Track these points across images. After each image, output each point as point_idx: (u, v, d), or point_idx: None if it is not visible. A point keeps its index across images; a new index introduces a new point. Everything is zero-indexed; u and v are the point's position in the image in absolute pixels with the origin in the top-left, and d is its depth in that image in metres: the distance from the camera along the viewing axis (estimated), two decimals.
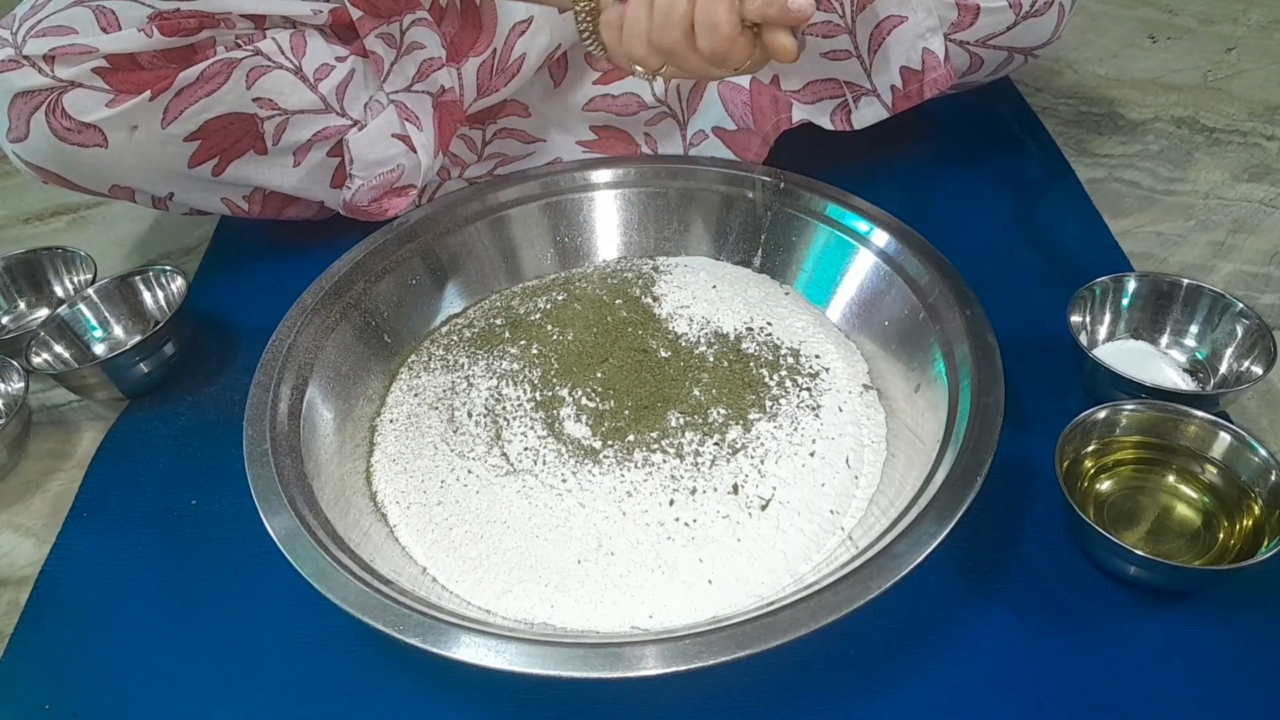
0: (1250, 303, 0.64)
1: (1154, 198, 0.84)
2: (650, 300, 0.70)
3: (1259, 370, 0.60)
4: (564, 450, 0.60)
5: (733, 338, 0.66)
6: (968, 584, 0.55)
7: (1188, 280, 0.65)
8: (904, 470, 0.57)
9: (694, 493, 0.57)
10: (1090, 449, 0.58)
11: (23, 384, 0.69)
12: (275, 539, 0.51)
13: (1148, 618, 0.53)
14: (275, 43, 0.71)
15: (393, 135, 0.73)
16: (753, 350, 0.65)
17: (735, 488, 0.57)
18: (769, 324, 0.68)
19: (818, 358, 0.65)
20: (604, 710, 0.51)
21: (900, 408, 0.62)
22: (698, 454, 0.59)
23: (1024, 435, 0.62)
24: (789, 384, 0.63)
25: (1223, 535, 0.55)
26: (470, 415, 0.63)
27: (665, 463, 0.59)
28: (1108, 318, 0.67)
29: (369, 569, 0.52)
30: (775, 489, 0.57)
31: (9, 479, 0.68)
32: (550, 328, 0.68)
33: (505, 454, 0.61)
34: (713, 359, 0.64)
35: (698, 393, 0.62)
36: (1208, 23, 1.07)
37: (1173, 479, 0.58)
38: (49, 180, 0.70)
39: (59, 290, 0.81)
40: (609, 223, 0.77)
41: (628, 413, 0.61)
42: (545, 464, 0.59)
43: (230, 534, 0.61)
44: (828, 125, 0.79)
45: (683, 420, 0.61)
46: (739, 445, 0.59)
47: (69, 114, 0.66)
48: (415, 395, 0.66)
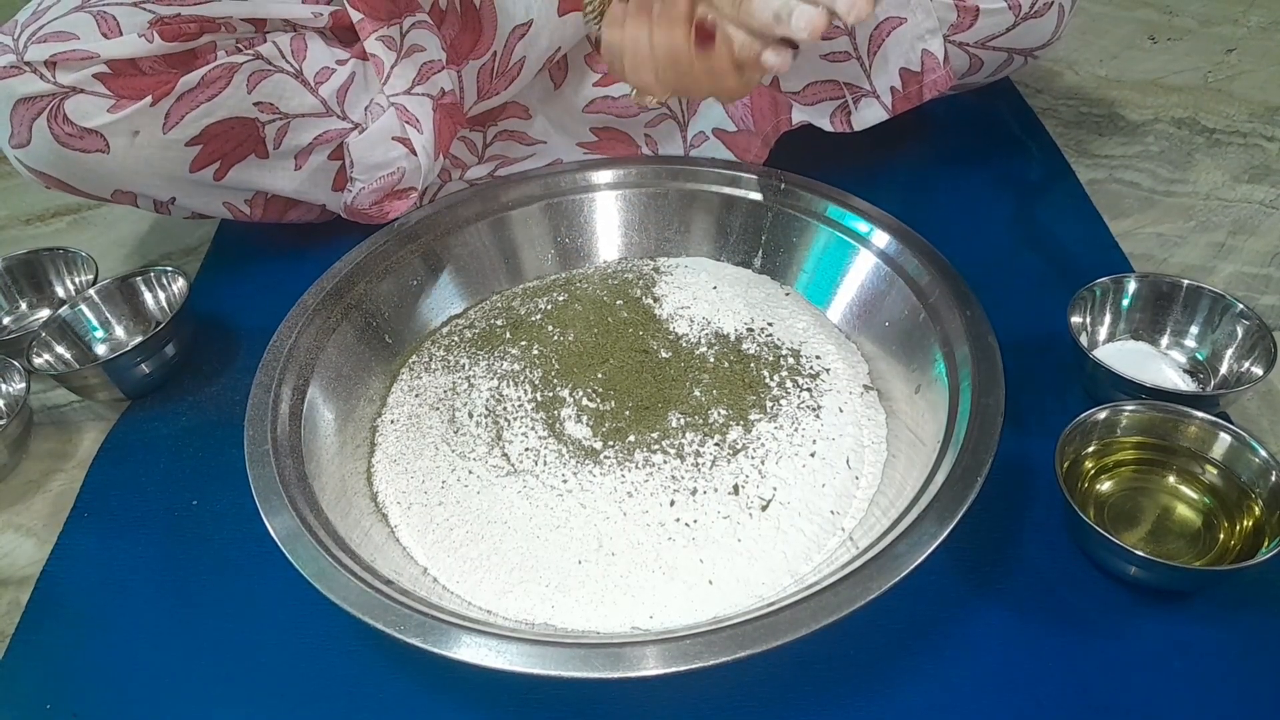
0: (1250, 304, 0.64)
1: (1154, 199, 0.84)
2: (651, 301, 0.70)
3: (1259, 371, 0.60)
4: (565, 451, 0.60)
5: (733, 338, 0.66)
6: (968, 584, 0.55)
7: (1188, 281, 0.65)
8: (904, 471, 0.57)
9: (694, 493, 0.57)
10: (1090, 449, 0.58)
11: (24, 384, 0.69)
12: (276, 539, 0.51)
13: (1148, 618, 0.53)
14: (276, 46, 0.71)
15: (393, 138, 0.73)
16: (753, 351, 0.65)
17: (736, 488, 0.57)
18: (769, 325, 0.68)
19: (818, 358, 0.65)
20: (604, 710, 0.51)
21: (900, 408, 0.62)
22: (698, 454, 0.59)
23: (1024, 436, 0.62)
24: (789, 385, 0.63)
25: (1223, 536, 0.55)
26: (471, 416, 0.63)
27: (666, 463, 0.59)
28: (1108, 318, 0.67)
29: (370, 569, 0.52)
30: (776, 489, 0.57)
31: (10, 479, 0.68)
32: (551, 328, 0.68)
33: (506, 454, 0.61)
34: (713, 360, 0.65)
35: (698, 393, 0.62)
36: (1208, 24, 1.08)
37: (1173, 479, 0.58)
38: (51, 185, 0.70)
39: (60, 291, 0.81)
40: (610, 223, 0.77)
41: (628, 413, 0.61)
42: (546, 464, 0.59)
43: (230, 534, 0.61)
44: (827, 127, 0.79)
45: (683, 421, 0.61)
46: (739, 446, 0.59)
47: (71, 120, 0.66)
48: (416, 396, 0.66)
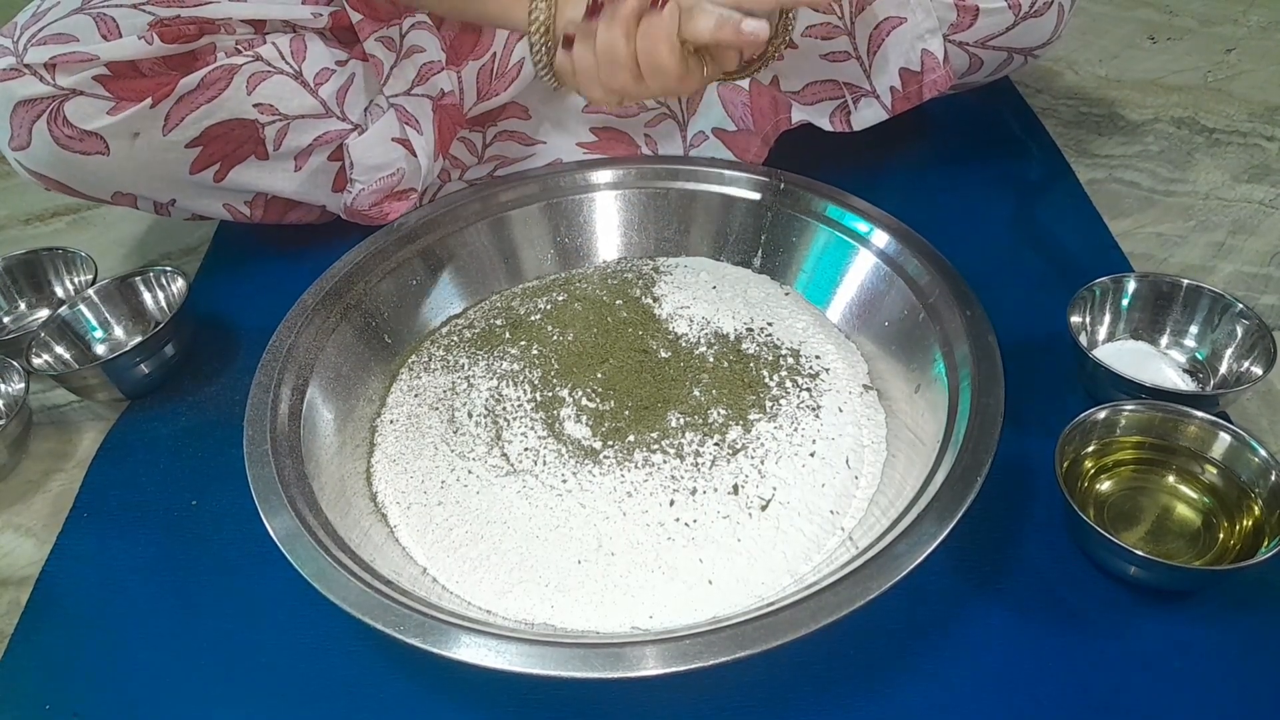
0: (1250, 303, 0.64)
1: (1154, 198, 0.84)
2: (650, 301, 0.70)
3: (1259, 371, 0.60)
4: (564, 451, 0.60)
5: (733, 338, 0.66)
6: (968, 584, 0.55)
7: (1188, 281, 0.65)
8: (904, 471, 0.57)
9: (694, 493, 0.57)
10: (1090, 449, 0.58)
11: (23, 384, 0.69)
12: (275, 539, 0.51)
13: (1148, 618, 0.53)
14: (275, 48, 0.71)
15: (392, 139, 0.74)
16: (753, 351, 0.65)
17: (735, 488, 0.57)
18: (769, 324, 0.68)
19: (818, 358, 0.65)
20: (604, 710, 0.51)
21: (900, 408, 0.62)
22: (698, 454, 0.59)
23: (1024, 435, 0.61)
24: (789, 384, 0.63)
25: (1223, 535, 0.55)
26: (470, 416, 0.63)
27: (665, 463, 0.59)
28: (1108, 318, 0.67)
29: (369, 569, 0.52)
30: (775, 489, 0.57)
31: (10, 479, 0.68)
32: (550, 328, 0.68)
33: (505, 454, 0.61)
34: (713, 359, 0.64)
35: (698, 393, 0.62)
36: (1208, 24, 1.07)
37: (1173, 479, 0.58)
38: (52, 187, 0.71)
39: (59, 291, 0.81)
40: (609, 223, 0.77)
41: (628, 413, 0.61)
42: (545, 464, 0.59)
43: (230, 534, 0.61)
44: (827, 126, 0.79)
45: (683, 421, 0.61)
46: (739, 446, 0.59)
47: (70, 122, 0.66)
48: (415, 396, 0.66)
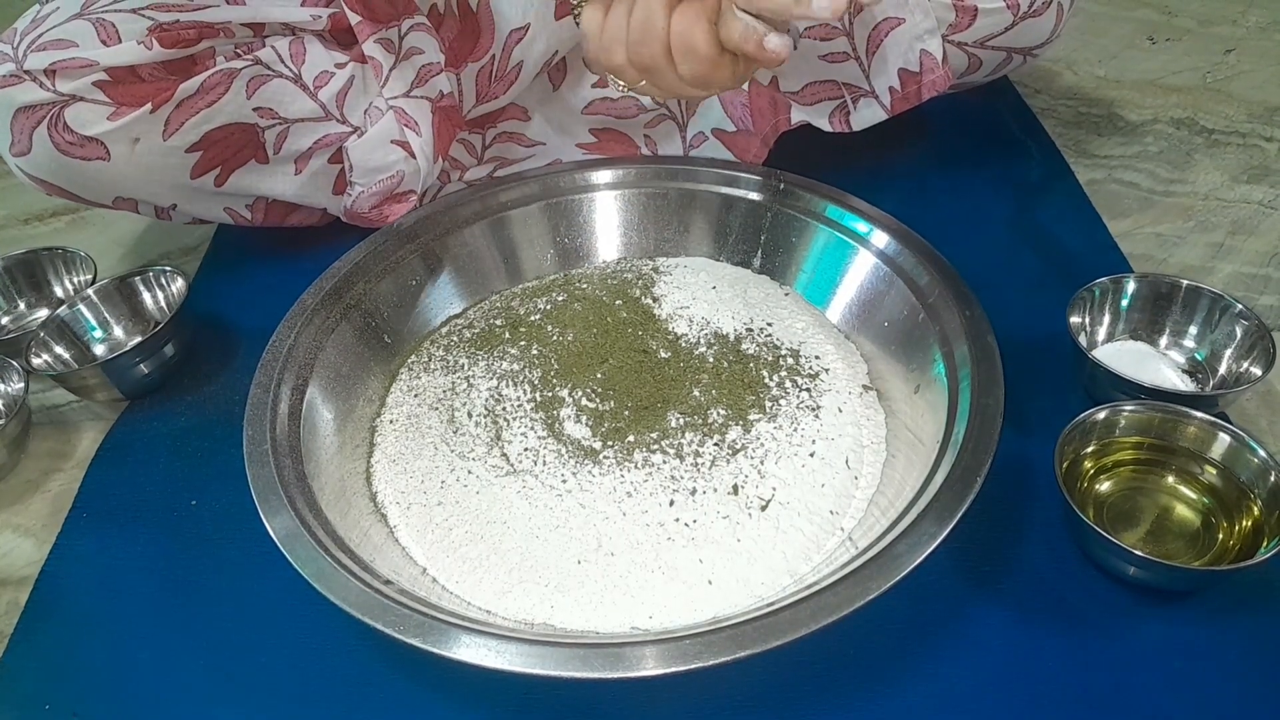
0: (1249, 304, 0.64)
1: (1153, 199, 0.84)
2: (650, 301, 0.70)
3: (1258, 371, 0.61)
4: (564, 451, 0.60)
5: (732, 338, 0.66)
6: (968, 584, 0.55)
7: (1187, 281, 0.65)
8: (904, 471, 0.57)
9: (694, 493, 0.57)
10: (1090, 449, 0.58)
11: (23, 384, 0.68)
12: (275, 539, 0.51)
13: (1148, 618, 0.53)
14: (274, 51, 0.71)
15: (392, 141, 0.74)
16: (752, 351, 0.65)
17: (735, 488, 0.57)
18: (769, 325, 0.68)
19: (817, 358, 0.65)
20: (604, 710, 0.51)
21: (900, 408, 0.62)
22: (698, 454, 0.59)
23: (1024, 436, 0.61)
24: (789, 385, 0.63)
25: (1222, 536, 0.55)
26: (470, 416, 0.63)
27: (665, 463, 0.59)
28: (1107, 319, 0.67)
29: (369, 569, 0.52)
30: (775, 490, 0.57)
31: (9, 479, 0.68)
32: (550, 328, 0.68)
33: (505, 454, 0.61)
34: (712, 360, 0.65)
35: (697, 393, 0.62)
36: (1207, 24, 1.08)
37: (1172, 480, 0.58)
38: (52, 193, 0.71)
39: (59, 290, 0.81)
40: (609, 224, 0.77)
41: (628, 413, 0.61)
42: (545, 464, 0.59)
43: (230, 534, 0.61)
44: (826, 127, 0.79)
45: (683, 421, 0.61)
46: (739, 446, 0.59)
47: (71, 128, 0.66)
48: (415, 396, 0.66)
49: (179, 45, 0.67)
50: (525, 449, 0.61)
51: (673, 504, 0.57)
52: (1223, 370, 0.63)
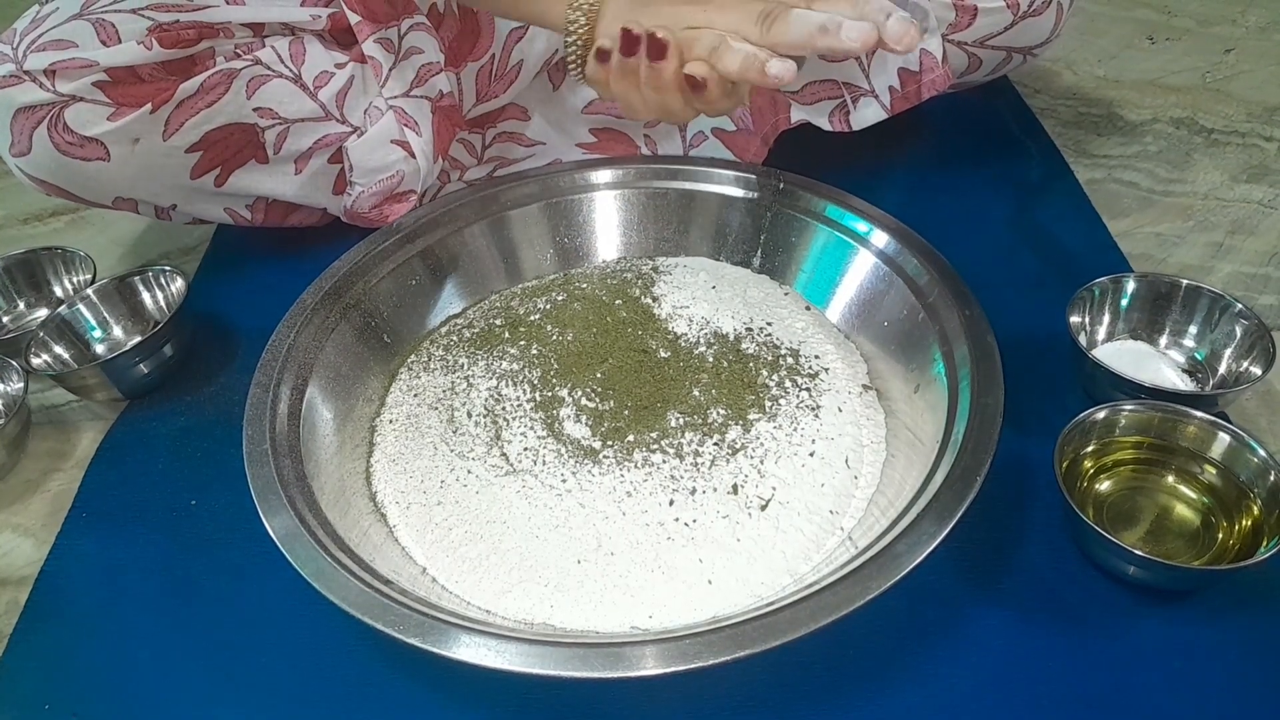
0: (1249, 303, 0.64)
1: (1153, 198, 0.84)
2: (650, 300, 0.70)
3: (1258, 371, 0.61)
4: (564, 450, 0.60)
5: (732, 338, 0.66)
6: (968, 584, 0.55)
7: (1187, 281, 0.65)
8: (904, 470, 0.57)
9: (694, 493, 0.57)
10: (1090, 449, 0.58)
11: (22, 384, 0.68)
12: (275, 539, 0.51)
13: (1148, 617, 0.53)
14: (274, 51, 0.71)
15: (392, 141, 0.74)
16: (752, 350, 0.65)
17: (735, 488, 0.57)
18: (768, 324, 0.68)
19: (817, 358, 0.65)
20: (604, 710, 0.51)
21: (900, 408, 0.62)
22: (697, 454, 0.59)
23: (1024, 435, 0.61)
24: (788, 384, 0.63)
25: (1221, 535, 0.55)
26: (470, 415, 0.63)
27: (665, 463, 0.59)
28: (1107, 318, 0.67)
29: (369, 569, 0.51)
30: (775, 489, 0.57)
31: (8, 479, 0.68)
32: (550, 328, 0.68)
33: (505, 454, 0.61)
34: (712, 359, 0.65)
35: (697, 393, 0.62)
36: (1206, 24, 1.08)
37: (1172, 479, 0.58)
38: (52, 193, 0.71)
39: (58, 290, 0.81)
40: (608, 223, 0.77)
41: (627, 413, 0.61)
42: (545, 464, 0.59)
43: (229, 534, 0.61)
44: (826, 126, 0.80)
45: (682, 420, 0.61)
46: (738, 445, 0.59)
47: (71, 128, 0.66)
48: (415, 396, 0.66)
49: (179, 45, 0.67)
50: (525, 449, 0.61)
51: (672, 503, 0.57)
52: (1222, 370, 0.63)
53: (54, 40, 0.65)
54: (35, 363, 0.70)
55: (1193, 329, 0.65)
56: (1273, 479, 0.53)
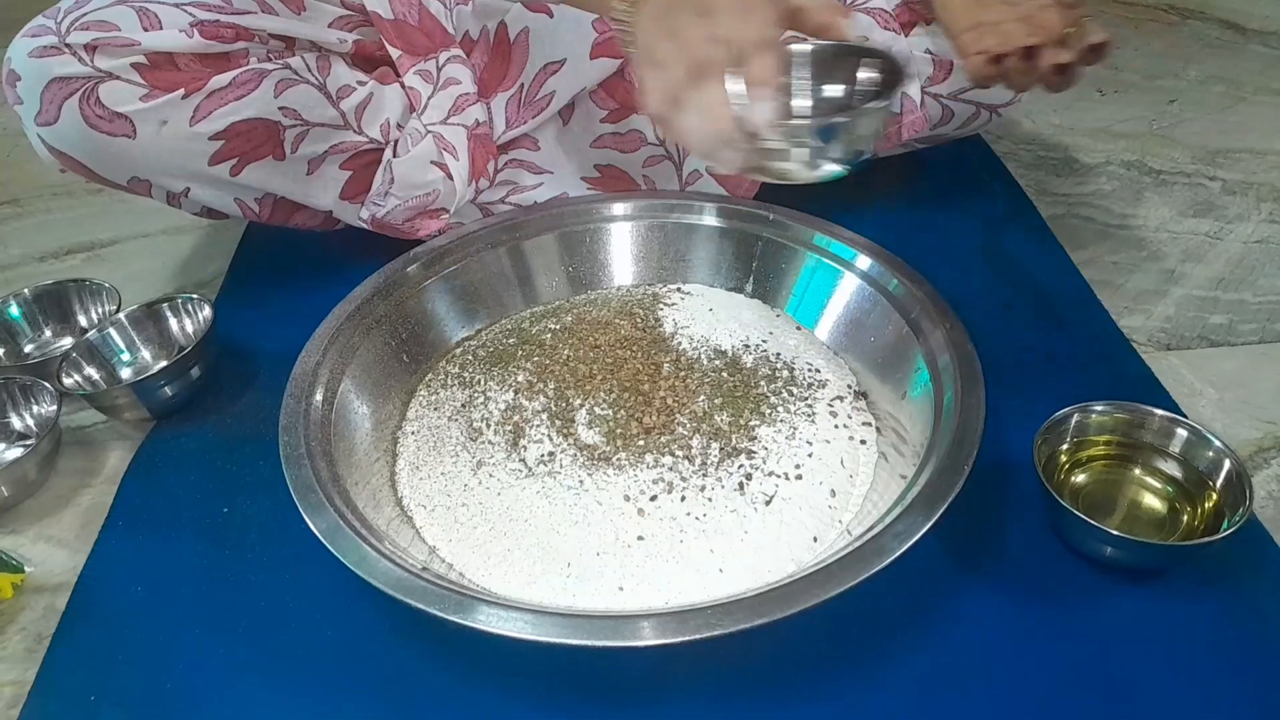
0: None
1: (1109, 231, 0.91)
2: (653, 321, 0.75)
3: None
4: (579, 454, 0.64)
5: (731, 353, 0.71)
6: (955, 569, 0.60)
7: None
8: (894, 468, 0.62)
9: (703, 490, 0.61)
10: (1065, 446, 0.63)
11: (55, 405, 0.71)
12: (316, 532, 0.54)
13: (1122, 595, 0.58)
14: (304, 60, 0.76)
15: (432, 162, 0.79)
16: (750, 363, 0.70)
17: (741, 485, 0.61)
18: (764, 341, 0.73)
19: (812, 369, 0.70)
20: (616, 681, 0.55)
21: (889, 412, 0.67)
22: (705, 456, 0.63)
23: (1003, 434, 0.66)
24: (785, 393, 0.68)
25: (1186, 518, 0.60)
26: (489, 425, 0.67)
27: (675, 465, 0.63)
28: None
29: (403, 560, 0.55)
30: (778, 486, 0.61)
31: (40, 495, 0.70)
32: (560, 347, 0.72)
33: (523, 459, 0.64)
34: (714, 371, 0.69)
35: (702, 401, 0.67)
36: (1150, 78, 1.17)
37: (1140, 471, 0.63)
38: (69, 166, 0.73)
39: (83, 320, 0.84)
40: (614, 253, 0.82)
41: (638, 420, 0.66)
42: (562, 467, 0.63)
43: (262, 537, 0.64)
44: None
45: (690, 427, 0.65)
46: (742, 448, 0.64)
47: (103, 103, 0.69)
48: (434, 410, 0.70)
49: (218, 40, 0.71)
50: (542, 454, 0.64)
51: (684, 499, 0.61)
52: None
53: (97, 20, 0.69)
54: (67, 383, 0.73)
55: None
56: (1228, 466, 0.59)
